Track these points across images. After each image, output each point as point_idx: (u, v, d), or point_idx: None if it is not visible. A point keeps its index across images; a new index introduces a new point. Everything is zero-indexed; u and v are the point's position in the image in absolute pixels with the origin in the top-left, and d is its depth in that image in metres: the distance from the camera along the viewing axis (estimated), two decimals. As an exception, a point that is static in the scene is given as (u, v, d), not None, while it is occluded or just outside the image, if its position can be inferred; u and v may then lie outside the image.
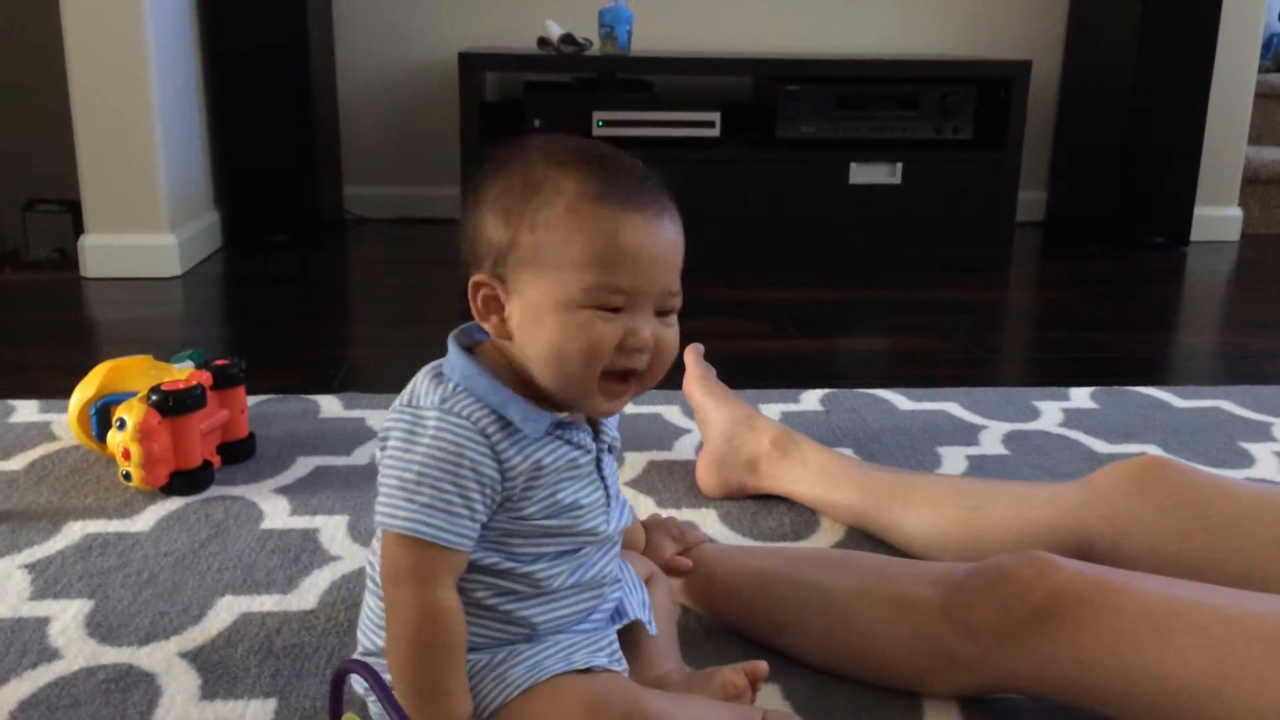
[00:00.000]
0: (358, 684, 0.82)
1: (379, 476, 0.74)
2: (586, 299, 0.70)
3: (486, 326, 0.75)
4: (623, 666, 0.79)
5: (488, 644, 0.76)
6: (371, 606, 0.80)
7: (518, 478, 0.73)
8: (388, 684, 0.74)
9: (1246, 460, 1.45)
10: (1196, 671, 0.74)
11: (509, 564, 0.75)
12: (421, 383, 0.75)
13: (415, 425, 0.72)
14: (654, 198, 0.73)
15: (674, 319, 0.75)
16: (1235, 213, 3.09)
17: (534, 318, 0.72)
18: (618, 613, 0.82)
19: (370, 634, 0.80)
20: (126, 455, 1.24)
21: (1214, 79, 2.80)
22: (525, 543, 0.75)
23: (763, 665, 0.82)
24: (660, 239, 0.72)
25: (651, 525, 0.97)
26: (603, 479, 0.79)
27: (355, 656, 0.81)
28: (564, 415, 0.75)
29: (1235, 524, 0.91)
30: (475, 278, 0.74)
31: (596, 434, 0.79)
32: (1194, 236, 2.93)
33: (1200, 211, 2.94)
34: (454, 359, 0.76)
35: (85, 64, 2.26)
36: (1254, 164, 3.12)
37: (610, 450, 0.81)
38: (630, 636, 0.84)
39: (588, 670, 0.75)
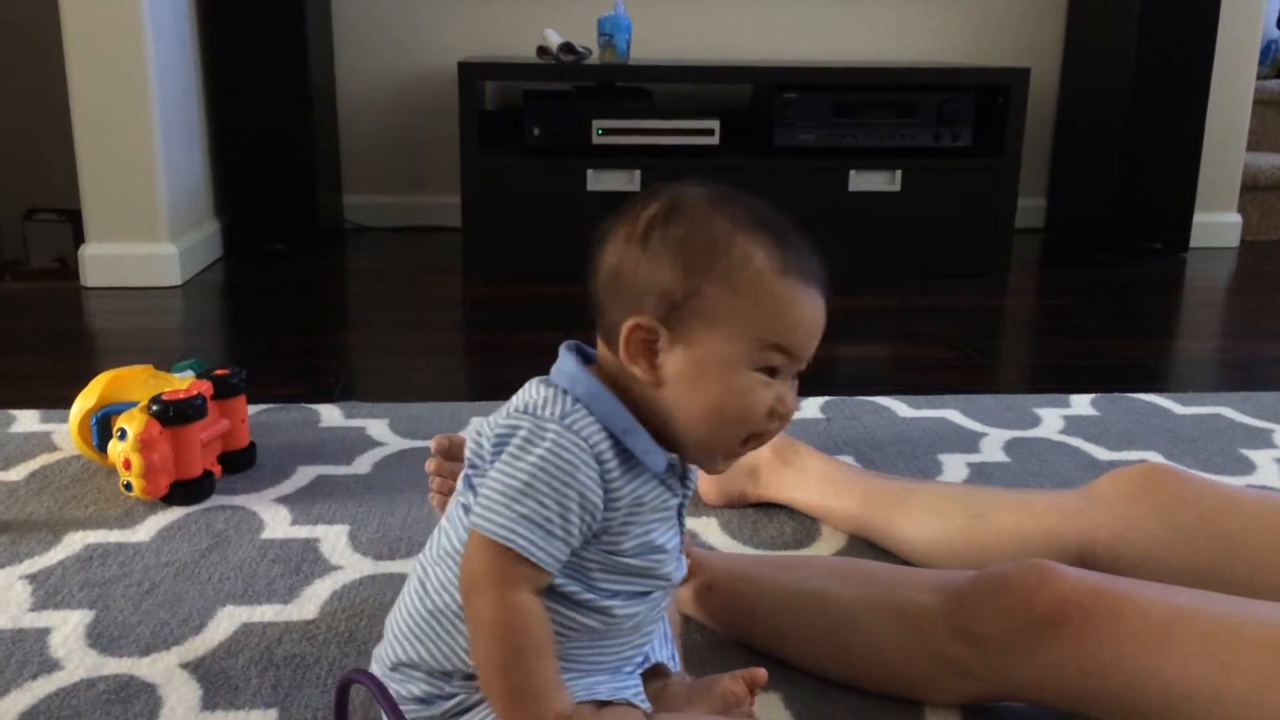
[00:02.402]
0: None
1: (481, 476, 0.72)
2: (753, 361, 0.71)
3: (634, 369, 0.72)
4: (646, 708, 0.77)
5: None
6: (411, 613, 0.76)
7: (620, 510, 0.71)
8: (391, 694, 0.74)
9: (1247, 467, 1.45)
10: (1199, 679, 0.74)
11: (588, 595, 0.73)
12: (538, 392, 0.73)
13: (533, 434, 0.70)
14: (819, 271, 0.74)
15: (796, 381, 0.75)
16: (1234, 219, 3.09)
17: (698, 372, 0.71)
18: (644, 658, 0.81)
19: (401, 641, 0.76)
20: (127, 465, 1.24)
21: (1212, 86, 2.81)
22: (608, 578, 0.74)
23: (761, 673, 0.82)
24: (821, 314, 0.74)
25: None
26: (680, 525, 0.78)
27: (374, 659, 0.80)
28: (675, 457, 0.74)
29: (1236, 531, 0.91)
30: (636, 320, 0.71)
31: (684, 479, 0.78)
32: (1193, 243, 2.93)
33: (1199, 218, 2.94)
34: (574, 372, 0.74)
35: (85, 74, 2.27)
36: (1253, 170, 3.13)
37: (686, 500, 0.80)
38: None
39: (608, 703, 0.74)
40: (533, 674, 0.68)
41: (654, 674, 0.83)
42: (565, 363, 0.75)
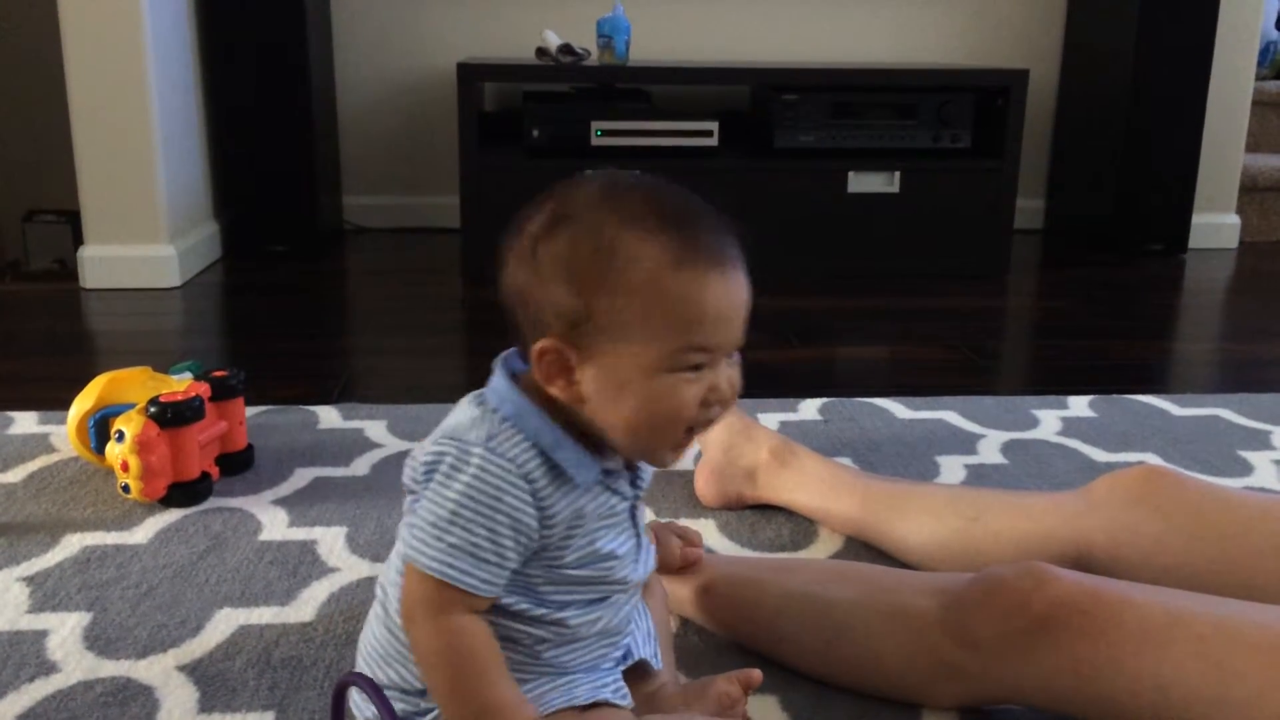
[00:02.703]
0: (358, 710, 0.82)
1: (413, 504, 0.71)
2: (671, 364, 0.68)
3: (553, 390, 0.70)
4: (628, 704, 0.77)
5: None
6: (378, 637, 0.77)
7: (558, 525, 0.70)
8: (388, 697, 0.74)
9: (1245, 469, 1.45)
10: (1197, 682, 0.74)
11: (540, 610, 0.72)
12: (466, 413, 0.72)
13: (458, 460, 0.69)
14: (726, 246, 0.70)
15: (738, 354, 0.73)
16: (1233, 220, 3.09)
17: (613, 387, 0.68)
18: (624, 654, 0.81)
19: (373, 666, 0.77)
20: (125, 467, 1.24)
21: (1211, 87, 2.81)
22: (556, 590, 0.73)
23: (755, 674, 0.82)
24: (736, 293, 0.70)
25: (657, 530, 0.97)
26: (635, 527, 0.77)
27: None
28: (609, 464, 0.73)
29: (1234, 533, 0.91)
30: (543, 344, 0.69)
31: (634, 481, 0.77)
32: (1192, 244, 2.93)
33: (1198, 219, 2.94)
34: (503, 389, 0.72)
35: (85, 75, 2.27)
36: (1251, 171, 3.13)
37: (640, 498, 0.79)
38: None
39: (591, 705, 0.74)
40: (484, 693, 0.68)
41: (646, 676, 0.83)
42: (496, 379, 0.73)
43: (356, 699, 0.80)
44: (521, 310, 0.71)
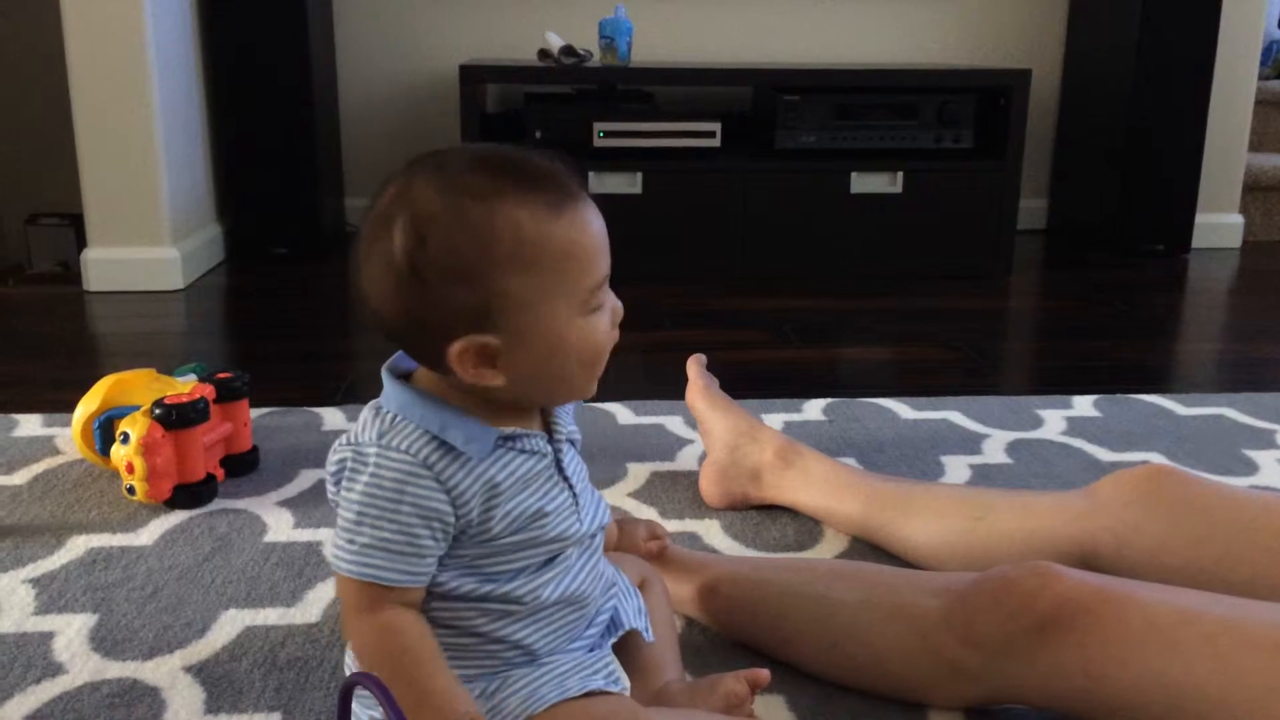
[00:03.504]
0: (362, 709, 0.82)
1: (338, 516, 0.71)
2: (583, 308, 0.70)
3: (483, 382, 0.70)
4: (621, 686, 0.76)
5: (482, 672, 0.74)
6: None
7: (471, 501, 0.70)
8: (394, 698, 0.74)
9: (1250, 468, 1.44)
10: (1203, 681, 0.74)
11: (488, 586, 0.72)
12: (361, 418, 0.73)
13: (355, 462, 0.70)
14: (572, 177, 0.71)
15: None
16: (1236, 220, 3.09)
17: (545, 349, 0.69)
18: (613, 624, 0.81)
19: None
20: (130, 469, 1.24)
21: (1214, 86, 2.81)
22: (496, 561, 0.73)
23: (764, 673, 0.82)
24: (598, 217, 0.71)
25: (620, 522, 0.95)
26: (565, 479, 0.76)
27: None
28: (510, 429, 0.72)
29: (1240, 532, 0.91)
30: (458, 345, 0.68)
31: (551, 435, 0.76)
32: (1195, 244, 2.93)
33: (1201, 219, 2.94)
34: (388, 389, 0.73)
35: (87, 78, 2.27)
36: (1254, 171, 3.12)
37: (572, 444, 0.78)
38: (629, 648, 0.84)
39: (585, 695, 0.73)
40: (421, 684, 0.67)
41: (653, 672, 0.83)
42: (385, 384, 0.74)
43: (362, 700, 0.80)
44: (418, 330, 0.70)
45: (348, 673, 0.80)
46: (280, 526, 1.24)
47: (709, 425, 1.31)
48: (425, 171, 0.69)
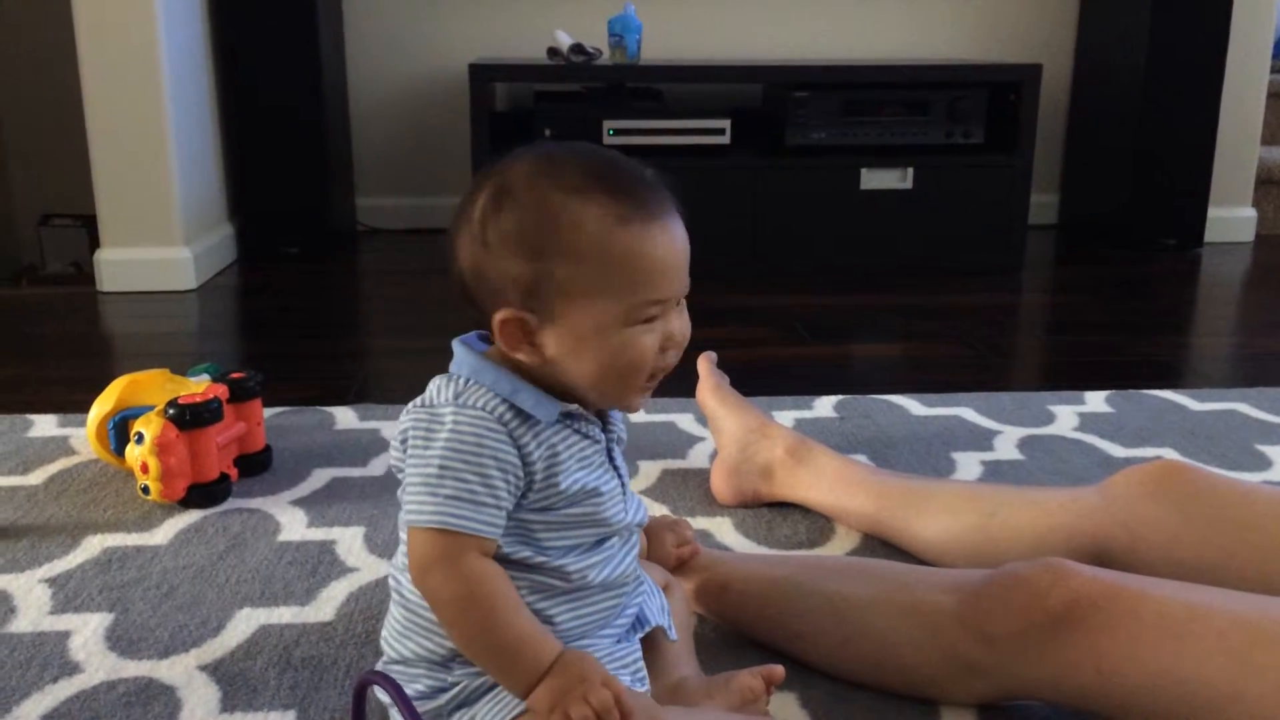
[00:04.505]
0: (380, 695, 0.82)
1: (403, 481, 0.74)
2: (628, 319, 0.72)
3: (520, 356, 0.74)
4: (644, 687, 0.78)
5: None
6: (396, 616, 0.80)
7: (537, 463, 0.73)
8: (409, 695, 0.74)
9: (1263, 463, 1.44)
10: (1216, 677, 0.74)
11: (540, 558, 0.75)
12: (432, 385, 0.77)
13: (432, 423, 0.73)
14: (663, 200, 0.74)
15: (684, 301, 0.77)
16: (1249, 214, 3.07)
17: (575, 344, 0.73)
18: (639, 621, 0.82)
19: (394, 642, 0.80)
20: (145, 469, 1.25)
21: (1225, 79, 2.79)
22: (552, 535, 0.75)
23: (779, 669, 0.83)
24: (678, 242, 0.74)
25: (651, 528, 0.97)
26: (615, 468, 0.80)
27: (379, 667, 0.81)
28: (573, 406, 0.76)
29: (1253, 528, 0.91)
30: (502, 315, 0.73)
31: (604, 426, 0.80)
32: (1207, 238, 2.92)
33: (1214, 213, 2.93)
34: (461, 356, 0.77)
35: (100, 80, 2.28)
36: (1267, 164, 3.11)
37: (619, 443, 0.82)
38: (648, 643, 0.85)
39: None
40: (513, 626, 0.70)
41: (668, 666, 0.84)
42: (456, 354, 0.77)
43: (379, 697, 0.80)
44: (477, 287, 0.74)
45: (382, 650, 0.81)
46: (294, 525, 1.24)
47: (720, 423, 1.31)
48: (532, 154, 0.74)
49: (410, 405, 0.76)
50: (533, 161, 0.73)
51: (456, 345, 0.78)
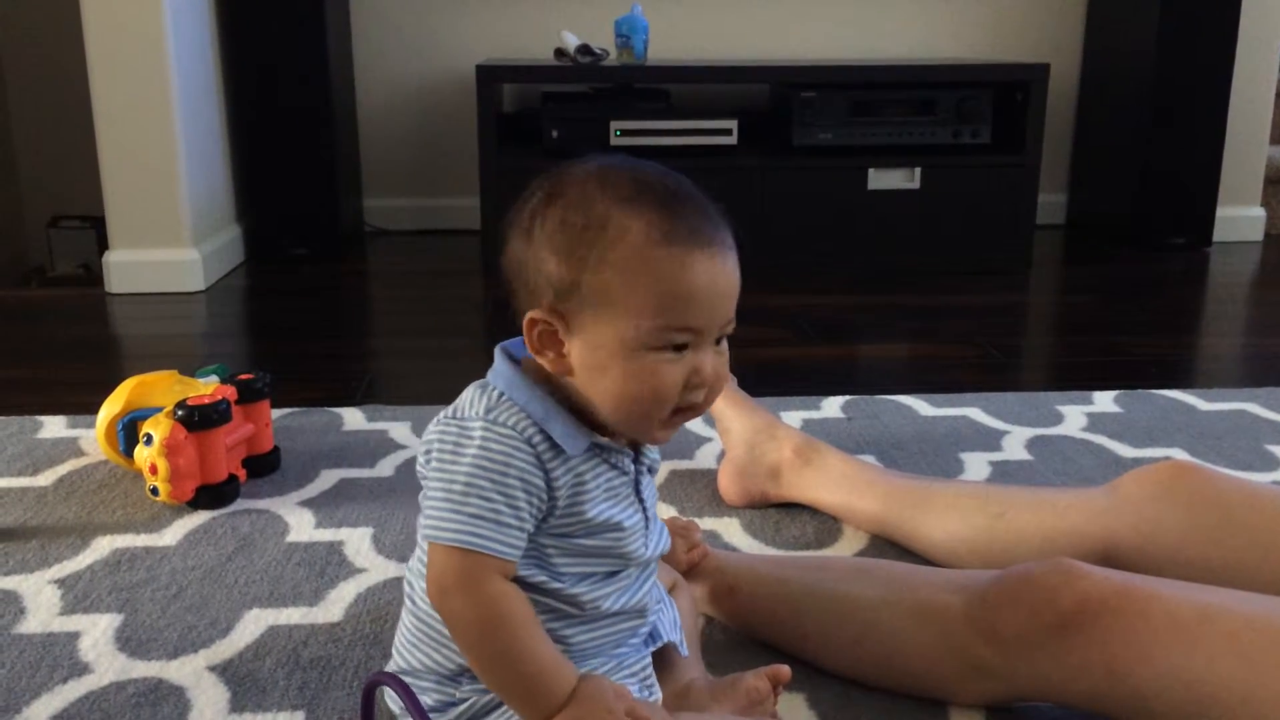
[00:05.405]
0: (391, 701, 0.82)
1: (425, 490, 0.73)
2: (653, 342, 0.70)
3: (543, 361, 0.73)
4: (655, 695, 0.78)
5: None
6: (407, 625, 0.79)
7: (562, 489, 0.72)
8: (418, 697, 0.74)
9: (1273, 463, 1.43)
10: (1226, 678, 0.73)
11: (555, 584, 0.74)
12: (466, 395, 0.75)
13: (461, 436, 0.72)
14: (716, 232, 0.71)
15: (725, 343, 0.74)
16: (1258, 213, 3.06)
17: (597, 360, 0.71)
18: (651, 636, 0.82)
19: (404, 651, 0.79)
20: (153, 470, 1.25)
21: (1234, 78, 2.78)
22: (569, 562, 0.74)
23: (785, 670, 0.82)
24: (723, 276, 0.71)
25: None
26: (641, 502, 0.78)
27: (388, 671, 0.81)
28: (604, 439, 0.74)
29: (1263, 528, 0.91)
30: (532, 314, 0.72)
31: (636, 456, 0.78)
32: (1216, 237, 2.91)
33: (1222, 212, 2.92)
34: (499, 367, 0.75)
35: (108, 81, 2.29)
36: (1276, 163, 3.10)
37: (650, 472, 0.80)
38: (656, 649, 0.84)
39: None
40: (534, 656, 0.69)
41: (676, 672, 0.84)
42: (496, 362, 0.76)
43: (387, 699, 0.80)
44: (518, 280, 0.74)
45: (392, 657, 0.80)
46: (302, 526, 1.25)
47: (727, 423, 1.31)
48: (592, 162, 0.73)
49: (440, 415, 0.75)
50: (595, 167, 0.73)
51: (498, 352, 0.76)
